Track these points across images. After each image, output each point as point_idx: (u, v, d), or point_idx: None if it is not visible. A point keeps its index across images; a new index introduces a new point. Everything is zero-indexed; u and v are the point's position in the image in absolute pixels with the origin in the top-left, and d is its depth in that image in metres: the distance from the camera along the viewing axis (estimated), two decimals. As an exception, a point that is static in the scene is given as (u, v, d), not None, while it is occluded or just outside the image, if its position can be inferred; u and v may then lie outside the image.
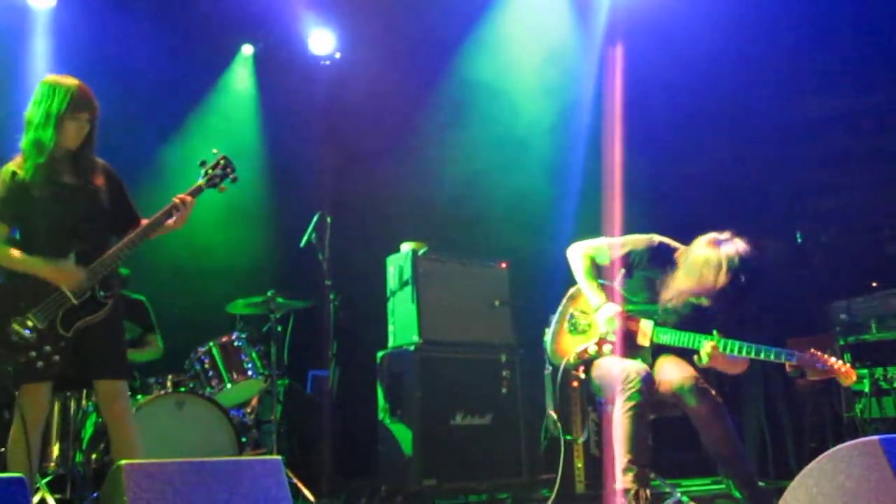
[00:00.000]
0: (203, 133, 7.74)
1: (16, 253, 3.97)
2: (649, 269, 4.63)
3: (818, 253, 7.40)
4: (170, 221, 4.18)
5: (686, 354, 4.53)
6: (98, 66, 6.45)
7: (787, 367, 4.38)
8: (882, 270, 6.95)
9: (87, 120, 4.04)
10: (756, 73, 7.53)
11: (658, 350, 4.60)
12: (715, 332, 4.35)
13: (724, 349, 4.31)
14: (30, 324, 3.89)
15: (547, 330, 4.87)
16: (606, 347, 4.58)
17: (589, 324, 4.71)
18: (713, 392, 4.36)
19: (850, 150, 7.87)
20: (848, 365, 4.24)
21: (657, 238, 4.68)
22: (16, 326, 3.88)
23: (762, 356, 4.25)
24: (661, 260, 4.60)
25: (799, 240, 7.58)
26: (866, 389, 6.28)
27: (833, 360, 4.23)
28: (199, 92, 7.93)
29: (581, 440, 4.93)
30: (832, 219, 7.66)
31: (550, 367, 4.88)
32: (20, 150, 4.06)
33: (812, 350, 4.26)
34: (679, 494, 4.77)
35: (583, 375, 4.66)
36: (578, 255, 4.77)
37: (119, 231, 4.19)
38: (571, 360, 4.65)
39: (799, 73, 7.48)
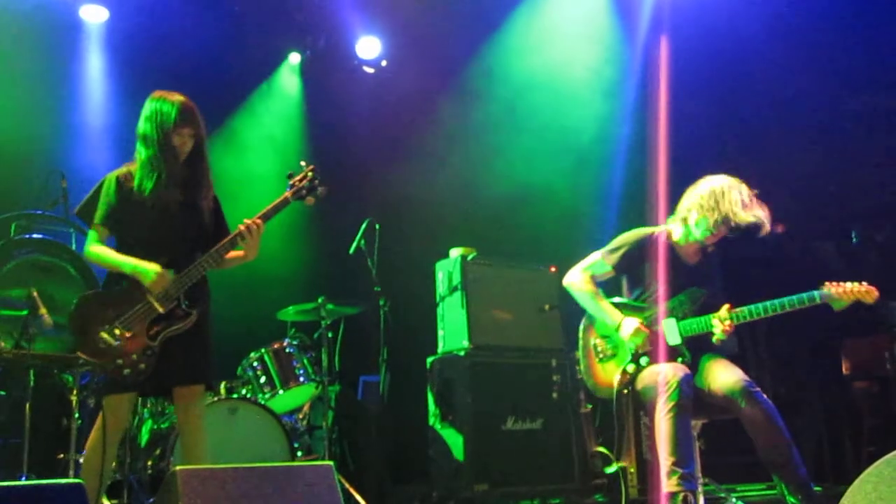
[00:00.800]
0: (246, 138, 7.83)
1: (108, 251, 4.09)
2: (650, 260, 4.65)
3: (874, 252, 7.27)
4: (239, 253, 4.25)
5: (722, 351, 4.55)
6: (150, 74, 6.60)
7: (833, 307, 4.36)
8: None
9: (190, 135, 4.14)
10: (808, 69, 7.42)
11: (700, 349, 4.55)
12: (726, 306, 4.39)
13: (749, 316, 4.36)
14: (117, 332, 3.97)
15: (577, 368, 4.81)
16: (643, 360, 4.53)
17: (615, 345, 4.66)
18: (764, 395, 4.30)
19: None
20: (865, 284, 4.35)
21: (642, 229, 4.75)
22: (104, 335, 3.96)
23: (787, 307, 4.31)
24: (652, 249, 4.66)
25: (854, 239, 7.45)
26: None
27: (850, 284, 4.32)
28: (244, 95, 8.00)
29: (627, 463, 4.87)
30: (888, 218, 7.52)
31: (590, 406, 4.85)
32: (133, 159, 4.18)
33: (828, 283, 4.34)
34: (734, 499, 4.71)
35: (626, 392, 4.59)
36: (577, 281, 4.78)
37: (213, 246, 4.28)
38: (618, 388, 4.57)
39: (852, 67, 7.35)
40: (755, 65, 7.40)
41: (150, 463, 5.32)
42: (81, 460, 4.81)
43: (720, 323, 4.37)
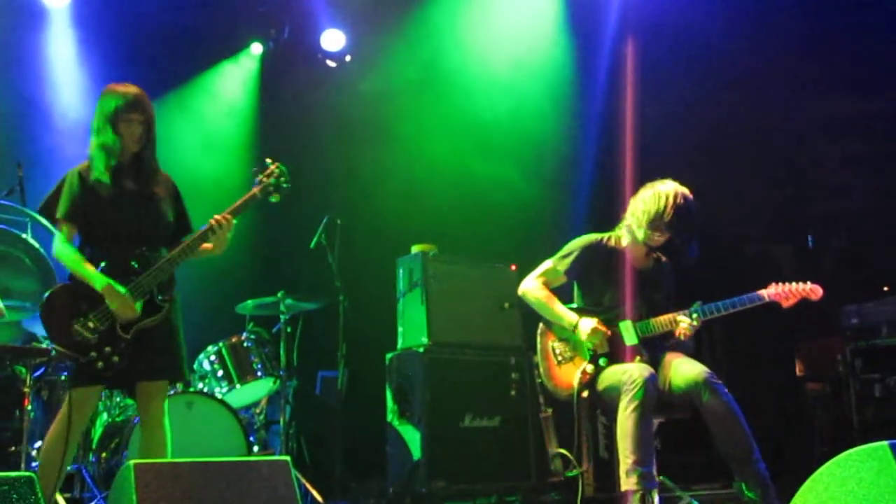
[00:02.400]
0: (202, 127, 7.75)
1: (78, 258, 4.05)
2: (601, 264, 4.70)
3: (829, 257, 7.37)
4: (207, 246, 4.27)
5: (681, 347, 4.60)
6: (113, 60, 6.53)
7: (780, 302, 4.47)
8: (893, 275, 6.92)
9: (139, 121, 4.12)
10: (768, 75, 7.51)
11: (653, 345, 4.59)
12: (696, 303, 4.49)
13: (704, 315, 4.47)
14: (91, 325, 3.95)
15: (536, 373, 4.83)
16: (602, 360, 4.55)
17: (574, 347, 4.68)
18: (726, 388, 4.34)
19: (862, 153, 7.85)
20: (810, 283, 4.46)
21: (591, 235, 4.80)
22: (78, 327, 3.94)
23: (738, 307, 4.46)
24: (606, 253, 4.72)
25: (810, 244, 7.56)
26: (877, 394, 6.26)
27: (796, 284, 4.44)
28: (206, 86, 7.91)
29: (585, 467, 4.87)
30: (844, 223, 7.64)
31: (550, 409, 4.86)
32: (87, 157, 4.18)
33: (773, 283, 4.47)
34: (689, 498, 4.75)
35: (585, 395, 4.60)
36: (531, 289, 4.81)
37: (175, 241, 4.27)
38: (577, 388, 4.58)
39: (811, 75, 7.45)
40: (718, 68, 7.47)
41: (104, 456, 5.26)
42: (34, 453, 4.76)
43: (685, 319, 4.44)
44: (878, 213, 7.58)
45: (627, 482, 4.19)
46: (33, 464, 4.72)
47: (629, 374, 4.33)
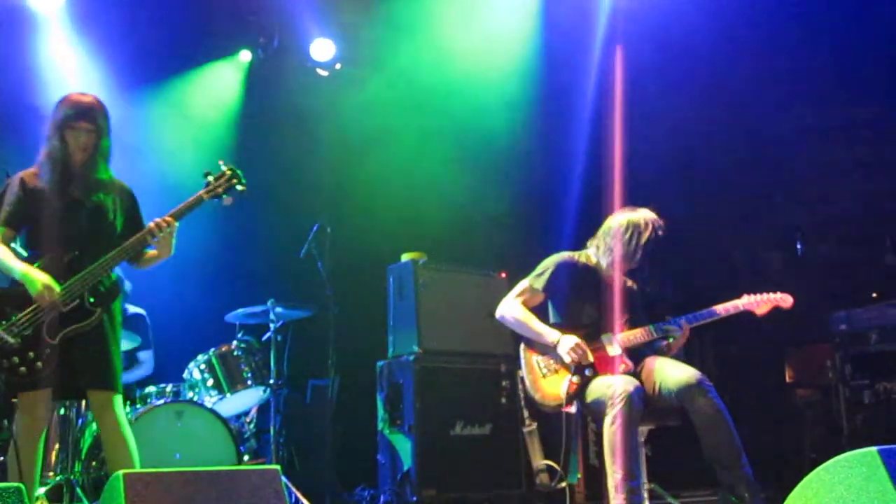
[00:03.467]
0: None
1: (4, 254, 4.03)
2: (578, 277, 4.72)
3: (818, 263, 7.40)
4: (153, 252, 4.27)
5: (662, 352, 4.62)
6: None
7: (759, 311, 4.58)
8: (882, 281, 6.94)
9: (87, 131, 4.10)
10: (757, 82, 7.55)
11: (636, 354, 4.59)
12: (667, 316, 4.57)
13: (690, 323, 4.56)
14: (15, 329, 3.91)
15: (521, 386, 4.81)
16: (588, 371, 4.53)
17: (556, 364, 4.65)
18: (716, 391, 4.34)
19: (851, 160, 7.89)
20: (780, 293, 4.59)
21: (564, 252, 4.85)
22: (1, 331, 3.89)
23: (714, 317, 4.57)
24: (579, 265, 4.76)
25: (799, 250, 7.58)
26: (866, 400, 6.28)
27: (766, 294, 4.56)
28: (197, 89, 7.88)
29: (574, 480, 4.85)
30: (832, 229, 7.67)
31: (534, 424, 4.85)
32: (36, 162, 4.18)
33: (745, 294, 4.59)
34: (678, 505, 4.75)
35: (573, 410, 4.57)
36: (510, 308, 4.78)
37: None
38: (566, 399, 4.56)
39: (799, 82, 7.49)
40: (708, 75, 7.51)
41: (93, 466, 5.23)
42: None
43: (670, 329, 4.48)
44: (867, 219, 7.62)
45: (616, 497, 4.17)
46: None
47: (614, 387, 4.29)
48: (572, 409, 4.50)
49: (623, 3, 7.51)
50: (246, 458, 5.75)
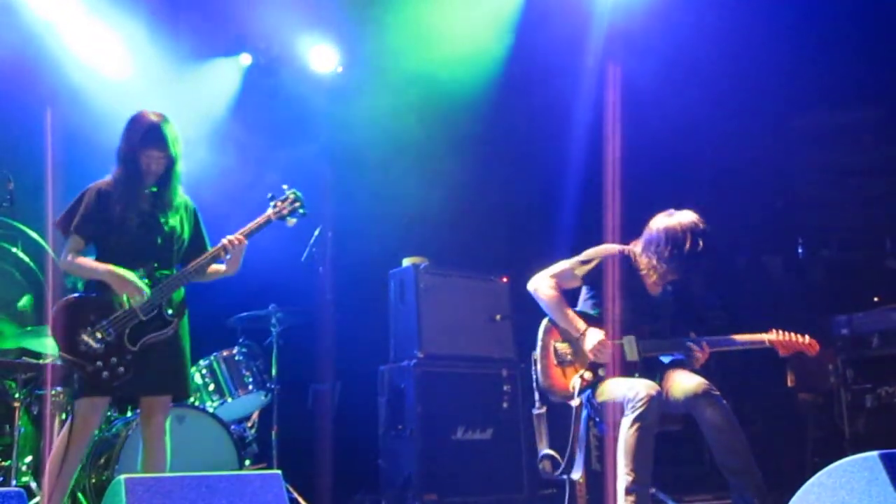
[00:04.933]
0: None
1: (85, 260, 4.16)
2: (620, 275, 4.65)
3: (819, 267, 7.40)
4: (221, 267, 4.46)
5: (679, 364, 4.57)
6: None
7: (780, 353, 4.51)
8: (884, 285, 6.94)
9: (159, 158, 4.22)
10: (757, 86, 7.55)
11: (651, 364, 4.58)
12: (692, 333, 4.50)
13: (708, 346, 4.48)
14: (99, 335, 4.04)
15: (534, 368, 4.76)
16: (601, 370, 4.53)
17: (576, 351, 4.64)
18: (724, 400, 4.34)
19: (852, 164, 7.88)
20: (808, 337, 4.49)
21: (614, 245, 4.75)
22: (85, 337, 4.02)
23: (737, 346, 4.53)
24: (625, 264, 4.67)
25: (801, 254, 7.58)
26: (868, 405, 6.27)
27: (796, 335, 4.47)
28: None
29: (577, 475, 4.83)
30: (834, 233, 7.66)
31: (544, 407, 4.80)
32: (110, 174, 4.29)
33: (776, 330, 4.49)
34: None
35: (576, 403, 4.57)
36: (542, 286, 4.70)
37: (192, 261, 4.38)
38: (576, 393, 4.55)
39: (800, 86, 7.49)
40: (706, 79, 7.51)
41: (94, 471, 5.23)
42: (24, 468, 4.73)
43: (694, 348, 4.44)
44: (868, 223, 7.61)
45: (626, 500, 4.17)
46: (24, 478, 4.69)
47: (636, 390, 4.28)
48: (574, 403, 4.51)
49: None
50: (247, 462, 5.75)
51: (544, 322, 4.76)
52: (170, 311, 4.21)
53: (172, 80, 7.20)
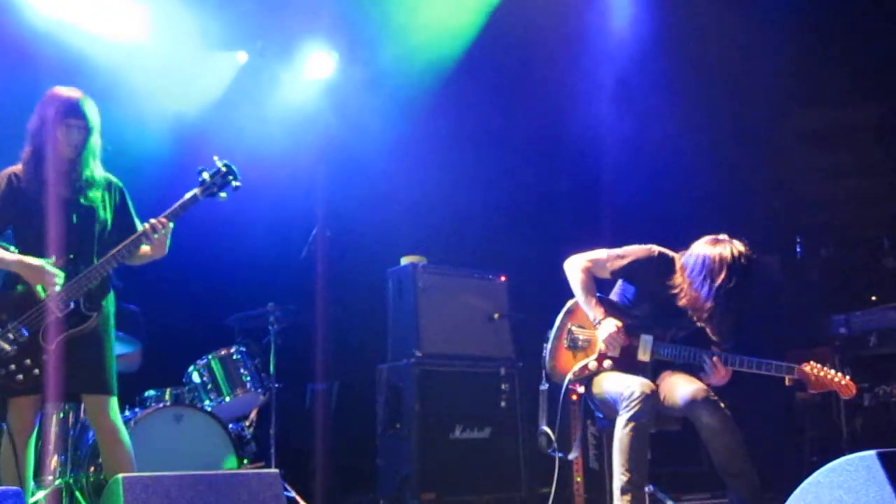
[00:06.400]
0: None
1: None
2: (650, 280, 4.60)
3: (818, 266, 7.40)
4: (146, 249, 4.19)
5: (689, 369, 4.53)
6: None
7: (786, 380, 4.38)
8: (882, 284, 6.94)
9: (79, 127, 4.07)
10: (754, 85, 7.56)
11: (660, 365, 4.57)
12: (713, 347, 4.39)
13: (726, 363, 4.35)
14: (11, 336, 3.90)
15: (545, 346, 4.77)
16: (607, 363, 4.54)
17: (588, 339, 4.64)
18: (722, 404, 4.34)
19: (850, 163, 7.90)
20: (848, 378, 4.30)
21: (657, 248, 4.65)
22: None
23: (763, 370, 4.33)
24: (661, 270, 4.58)
25: (799, 253, 7.58)
26: (866, 403, 6.28)
27: (833, 373, 4.30)
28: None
29: (572, 456, 4.86)
30: (832, 232, 7.67)
31: (547, 384, 4.80)
32: (20, 159, 4.12)
33: (811, 363, 4.33)
34: (678, 509, 4.75)
35: (581, 390, 4.62)
36: (576, 268, 4.68)
37: (118, 244, 4.19)
38: (573, 378, 4.58)
39: (797, 85, 7.50)
40: (705, 81, 7.52)
41: (92, 469, 5.23)
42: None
43: (711, 361, 4.38)
44: (866, 222, 7.62)
45: (621, 500, 4.18)
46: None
47: (631, 388, 4.29)
48: (579, 388, 4.53)
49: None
50: (245, 461, 5.75)
51: (568, 303, 4.76)
52: (87, 305, 4.02)
53: (169, 70, 7.15)
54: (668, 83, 7.62)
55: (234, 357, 6.01)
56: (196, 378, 5.93)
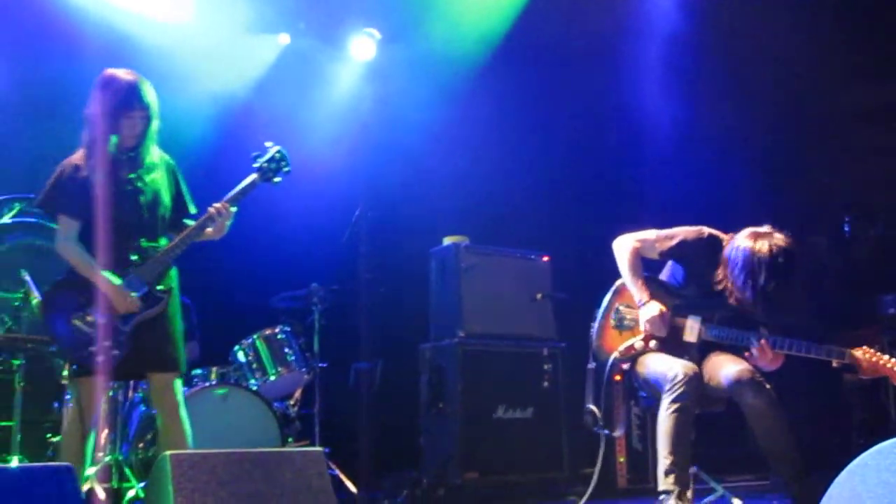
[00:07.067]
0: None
1: (78, 252, 4.07)
2: (698, 262, 4.54)
3: (866, 246, 7.29)
4: (208, 231, 4.28)
5: (735, 351, 4.48)
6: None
7: (833, 362, 4.31)
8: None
9: (140, 117, 4.11)
10: (805, 62, 7.44)
11: (706, 347, 4.53)
12: (762, 328, 4.34)
13: (774, 346, 4.30)
14: (89, 319, 4.00)
15: (592, 325, 4.75)
16: (653, 343, 4.51)
17: (635, 319, 4.59)
18: (768, 385, 4.29)
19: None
20: None
21: (707, 230, 4.59)
22: (76, 322, 3.99)
23: (812, 354, 4.25)
24: (710, 253, 4.51)
25: (847, 233, 7.48)
26: (915, 386, 6.19)
27: (886, 358, 4.21)
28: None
29: (618, 434, 4.85)
30: (881, 211, 7.55)
31: (594, 363, 4.78)
32: (81, 145, 4.16)
33: (864, 348, 4.24)
34: (723, 490, 4.73)
35: (625, 366, 4.59)
36: (624, 248, 4.64)
37: (177, 226, 4.32)
38: (618, 357, 4.55)
39: (847, 60, 7.37)
40: (754, 58, 7.42)
41: (140, 446, 5.32)
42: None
43: (758, 344, 4.31)
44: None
45: (665, 482, 4.17)
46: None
47: (674, 370, 4.26)
48: (624, 367, 4.51)
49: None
50: (290, 440, 5.81)
51: (617, 283, 4.73)
52: (159, 288, 4.13)
53: (213, 52, 7.20)
54: (716, 62, 7.53)
55: (279, 337, 6.06)
56: (241, 357, 6.00)
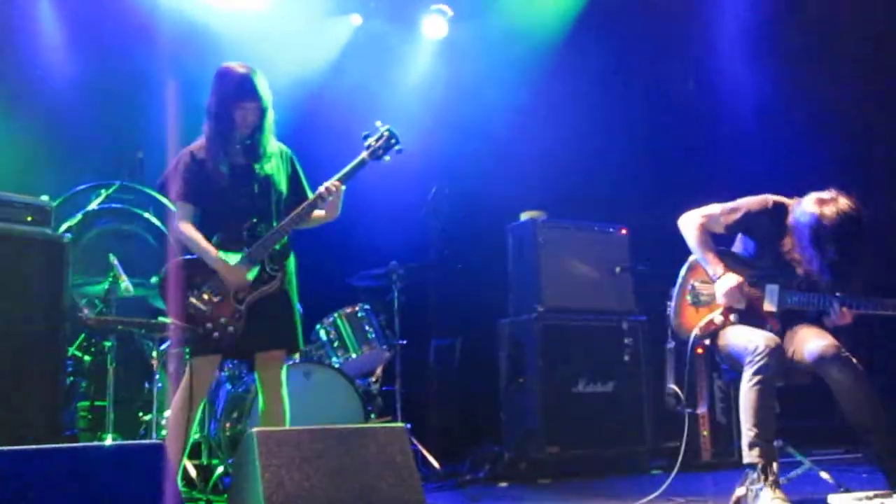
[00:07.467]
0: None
1: (195, 235, 4.19)
2: (767, 232, 4.46)
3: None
4: (320, 213, 4.39)
5: (817, 321, 4.40)
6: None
7: None
8: None
9: (254, 109, 4.21)
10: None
11: (788, 318, 4.45)
12: (839, 294, 4.26)
13: (853, 307, 4.25)
14: (206, 297, 4.11)
15: (669, 304, 4.69)
16: (733, 316, 4.44)
17: (712, 294, 4.53)
18: (854, 360, 4.21)
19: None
20: None
21: (771, 198, 4.50)
22: (193, 300, 4.10)
23: (891, 311, 4.23)
24: (778, 221, 4.44)
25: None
26: None
27: None
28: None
29: (701, 411, 4.80)
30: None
31: (673, 343, 4.73)
32: (202, 135, 4.30)
33: None
34: (809, 463, 4.65)
35: (707, 342, 4.54)
36: (691, 224, 4.58)
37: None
38: (699, 334, 4.50)
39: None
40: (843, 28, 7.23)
41: (227, 425, 5.45)
42: (164, 421, 4.97)
43: (840, 308, 4.26)
44: None
45: (750, 455, 4.12)
46: (163, 432, 4.92)
47: (755, 343, 4.20)
48: (701, 347, 4.46)
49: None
50: (372, 416, 5.89)
51: (689, 259, 4.68)
52: (272, 266, 4.23)
53: (287, 37, 7.27)
54: (800, 34, 7.34)
55: (360, 315, 6.13)
56: (323, 336, 6.09)
